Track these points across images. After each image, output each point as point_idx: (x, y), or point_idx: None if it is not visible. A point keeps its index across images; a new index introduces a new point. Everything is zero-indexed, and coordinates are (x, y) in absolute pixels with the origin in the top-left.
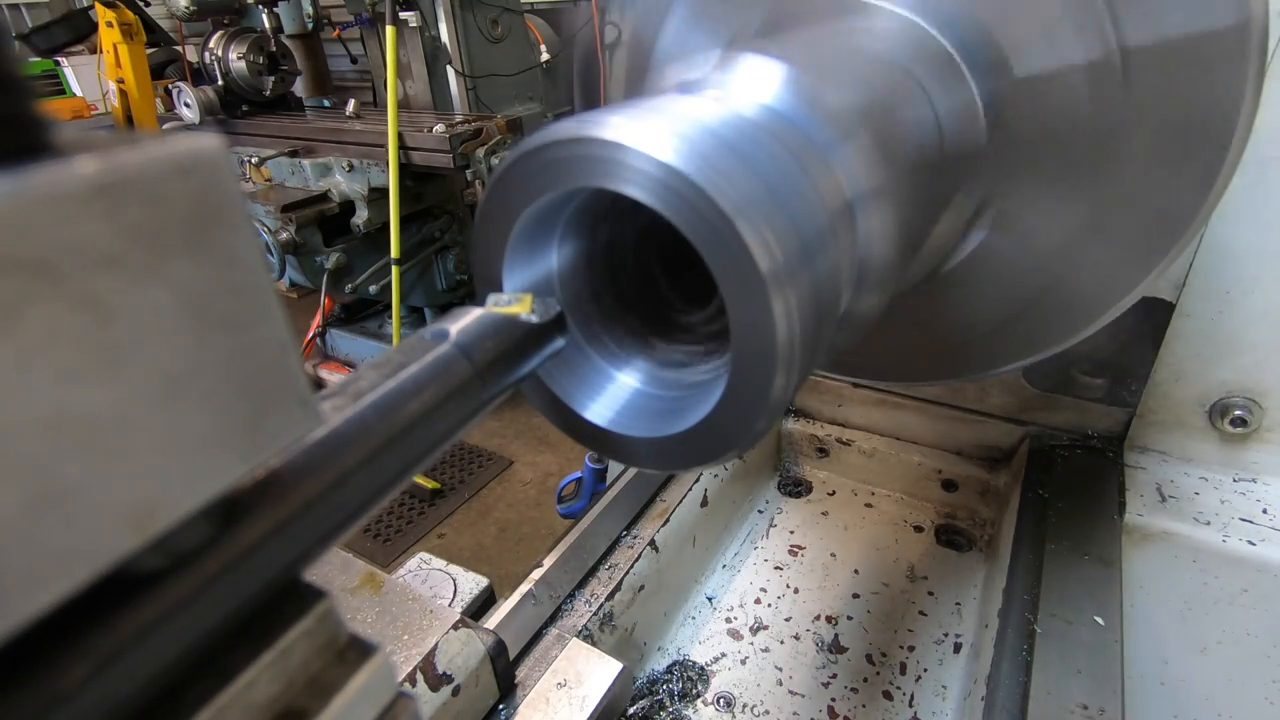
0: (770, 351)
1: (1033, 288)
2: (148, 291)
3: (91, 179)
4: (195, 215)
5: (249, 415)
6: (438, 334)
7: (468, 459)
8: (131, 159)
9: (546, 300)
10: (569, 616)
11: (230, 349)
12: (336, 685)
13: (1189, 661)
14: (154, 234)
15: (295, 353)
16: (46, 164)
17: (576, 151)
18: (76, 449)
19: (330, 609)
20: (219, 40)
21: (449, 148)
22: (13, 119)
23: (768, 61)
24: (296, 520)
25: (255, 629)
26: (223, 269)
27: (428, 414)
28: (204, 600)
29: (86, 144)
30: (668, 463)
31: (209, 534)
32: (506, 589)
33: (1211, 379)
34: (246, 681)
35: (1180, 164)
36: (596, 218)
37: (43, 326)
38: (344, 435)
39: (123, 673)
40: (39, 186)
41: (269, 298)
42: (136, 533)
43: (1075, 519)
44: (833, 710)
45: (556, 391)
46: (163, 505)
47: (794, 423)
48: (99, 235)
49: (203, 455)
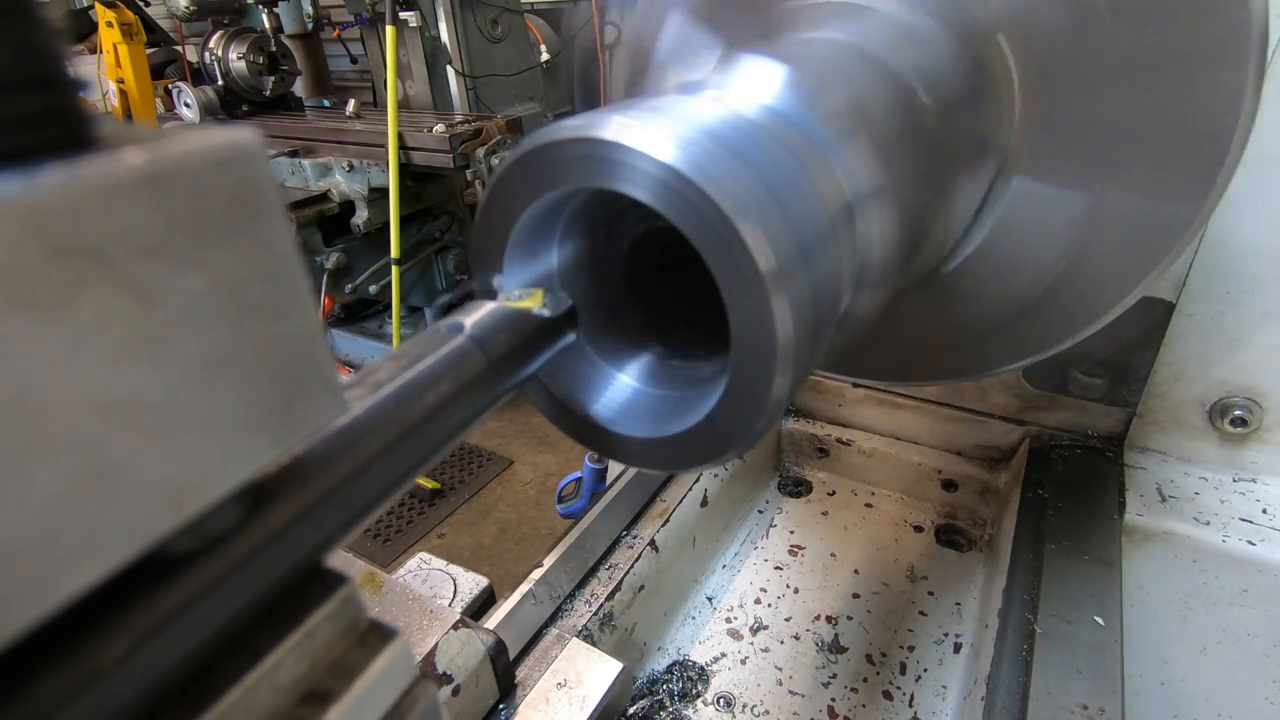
0: (770, 351)
1: (1033, 288)
2: (189, 278)
3: (139, 170)
4: (234, 206)
5: (281, 400)
6: (453, 327)
7: (468, 459)
8: (175, 151)
9: (558, 295)
10: (569, 616)
11: (265, 335)
12: (359, 668)
13: (1189, 661)
14: (196, 223)
15: (324, 340)
16: (96, 156)
17: (577, 152)
18: (123, 429)
19: (353, 593)
20: (219, 40)
21: (449, 148)
22: (61, 114)
23: (768, 62)
24: (320, 506)
25: (281, 612)
26: (259, 258)
27: (444, 405)
28: (234, 582)
29: (129, 137)
30: (668, 463)
31: (239, 518)
32: (506, 589)
33: (1211, 379)
34: (273, 662)
35: (1180, 164)
36: (597, 218)
37: (94, 310)
38: (364, 424)
39: (158, 650)
40: (91, 177)
41: (300, 286)
42: (176, 512)
43: (1075, 519)
44: (833, 710)
45: (557, 391)
46: (201, 486)
47: (794, 423)
48: (145, 224)
49: (238, 438)
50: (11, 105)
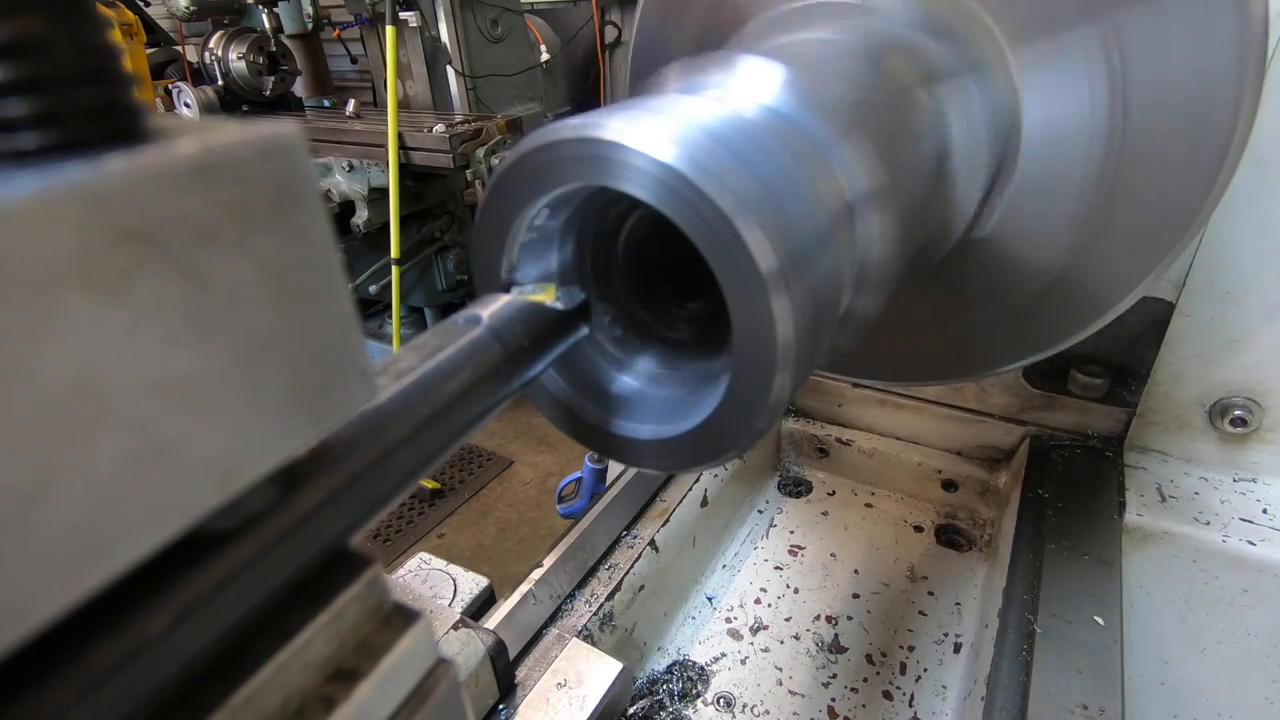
0: (770, 351)
1: (1033, 288)
2: (237, 263)
3: (192, 159)
4: (277, 194)
5: (319, 382)
6: (471, 319)
7: (468, 459)
8: (224, 141)
9: (570, 289)
10: (569, 616)
11: (304, 319)
12: (384, 648)
13: (1189, 661)
14: (243, 210)
15: (357, 326)
16: (153, 145)
17: (577, 151)
18: (176, 407)
19: (378, 575)
20: (219, 40)
21: (449, 148)
22: (118, 107)
23: (768, 62)
24: (348, 490)
25: (309, 592)
26: (299, 244)
27: (464, 394)
28: (268, 561)
29: (179, 129)
30: (668, 463)
31: (272, 499)
32: (506, 589)
33: (1211, 379)
34: (304, 641)
35: (1180, 164)
36: (597, 218)
37: (151, 293)
38: (388, 411)
39: (198, 625)
40: (149, 166)
41: (336, 273)
42: (221, 489)
43: (1075, 519)
44: (833, 710)
45: (557, 392)
46: (245, 464)
47: (794, 423)
48: (197, 210)
49: (279, 418)
50: (75, 98)
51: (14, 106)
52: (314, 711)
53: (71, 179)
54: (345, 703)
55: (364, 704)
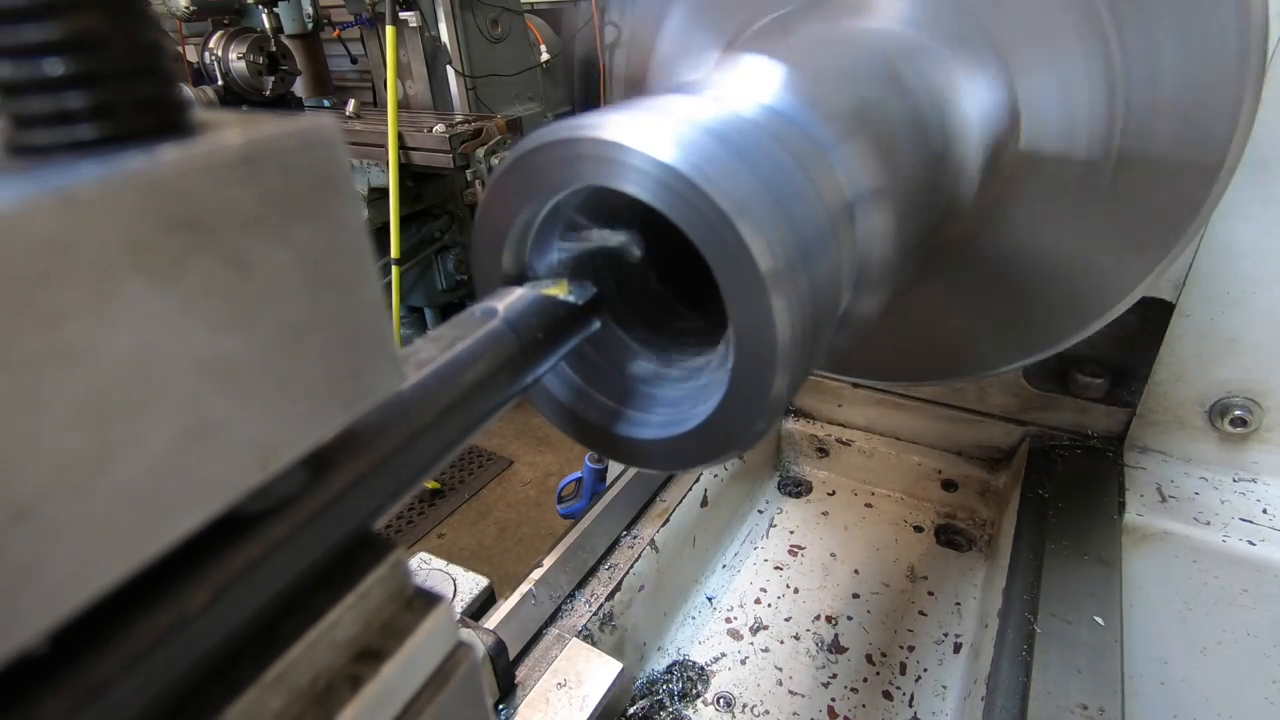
0: (770, 351)
1: (1033, 287)
2: (279, 251)
3: (239, 150)
4: (316, 184)
5: (352, 368)
6: (487, 311)
7: (468, 459)
8: (268, 133)
9: (583, 283)
10: (569, 616)
11: (340, 306)
12: (408, 629)
13: (1189, 661)
14: (285, 200)
15: (387, 315)
16: (202, 136)
17: (576, 151)
18: (221, 390)
19: (401, 559)
20: (219, 40)
21: (449, 148)
22: (167, 101)
23: (767, 62)
24: (374, 474)
25: (336, 574)
26: (336, 233)
27: (482, 384)
28: (300, 541)
29: (223, 121)
30: (668, 463)
31: (304, 482)
32: (506, 589)
33: (1211, 379)
34: (332, 621)
35: (1180, 164)
36: (596, 218)
37: (200, 279)
38: (410, 399)
39: (234, 602)
40: (200, 156)
41: (369, 262)
42: (261, 470)
43: (1075, 519)
44: (833, 710)
45: (558, 393)
46: (283, 446)
47: (794, 423)
48: (244, 199)
49: (315, 402)
50: (130, 92)
51: (75, 99)
52: (341, 689)
53: (130, 168)
54: (371, 681)
55: (389, 683)
